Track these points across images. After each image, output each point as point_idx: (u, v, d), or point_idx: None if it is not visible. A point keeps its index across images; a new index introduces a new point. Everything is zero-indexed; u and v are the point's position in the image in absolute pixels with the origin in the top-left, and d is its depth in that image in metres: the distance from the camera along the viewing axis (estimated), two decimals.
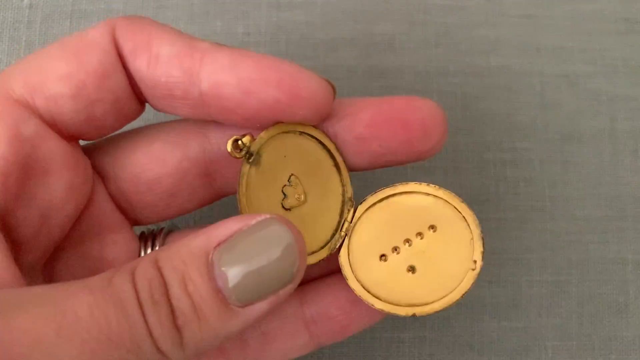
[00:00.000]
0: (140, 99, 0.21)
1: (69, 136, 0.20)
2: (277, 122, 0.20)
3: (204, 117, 0.21)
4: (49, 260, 0.21)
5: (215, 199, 0.23)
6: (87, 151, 0.22)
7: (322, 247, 0.22)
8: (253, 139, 0.20)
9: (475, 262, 0.21)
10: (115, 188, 0.21)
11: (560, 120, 0.29)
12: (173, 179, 0.21)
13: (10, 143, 0.18)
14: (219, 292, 0.17)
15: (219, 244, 0.17)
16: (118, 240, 0.21)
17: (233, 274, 0.17)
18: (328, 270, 0.23)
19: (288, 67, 0.19)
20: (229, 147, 0.20)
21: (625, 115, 0.29)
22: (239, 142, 0.20)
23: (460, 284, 0.21)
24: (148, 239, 0.22)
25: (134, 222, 0.22)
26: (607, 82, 0.30)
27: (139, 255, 0.22)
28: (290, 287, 0.18)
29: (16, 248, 0.19)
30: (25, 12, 0.29)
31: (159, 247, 0.22)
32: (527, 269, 0.28)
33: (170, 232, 0.23)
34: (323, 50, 0.29)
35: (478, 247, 0.21)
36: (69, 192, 0.20)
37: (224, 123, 0.21)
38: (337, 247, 0.22)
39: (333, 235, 0.22)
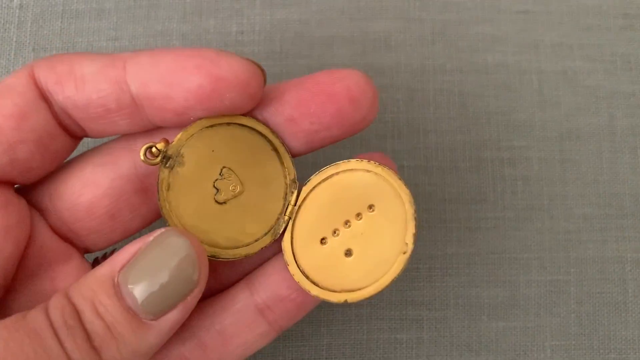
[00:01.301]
0: (71, 134, 0.21)
1: None
2: (198, 119, 0.20)
3: (144, 127, 0.21)
4: (2, 304, 0.21)
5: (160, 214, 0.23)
6: (23, 189, 0.22)
7: (265, 234, 0.22)
8: (168, 143, 0.20)
9: (407, 244, 0.21)
10: (56, 219, 0.21)
11: (559, 117, 0.29)
12: (109, 200, 0.21)
13: None
14: (129, 310, 0.18)
15: (122, 267, 0.18)
16: (69, 271, 0.21)
17: (139, 290, 0.18)
18: (274, 254, 0.23)
19: (207, 52, 0.19)
20: (141, 155, 0.20)
21: (624, 112, 0.29)
22: (153, 148, 0.20)
23: (391, 268, 0.21)
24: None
25: (84, 250, 0.22)
26: (606, 78, 0.29)
27: None
28: (197, 292, 0.19)
29: None
30: (16, 13, 0.28)
31: None
32: (525, 269, 0.28)
33: None
34: (318, 48, 0.29)
35: (410, 229, 0.21)
36: (4, 234, 0.20)
37: (166, 127, 0.21)
38: (281, 232, 0.22)
39: (278, 219, 0.22)
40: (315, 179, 0.22)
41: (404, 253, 0.21)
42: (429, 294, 0.28)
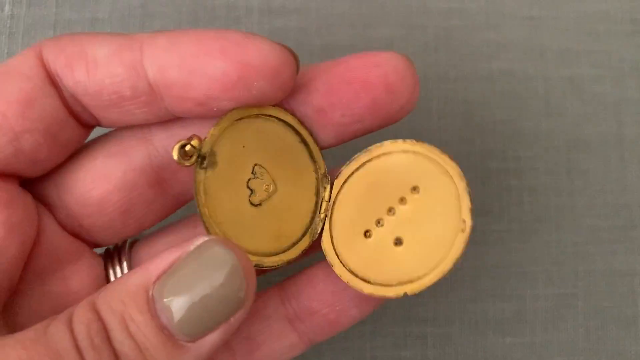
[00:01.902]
0: (82, 122, 0.19)
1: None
2: (229, 111, 0.18)
3: (162, 117, 0.19)
4: (8, 307, 0.19)
5: (176, 207, 0.21)
6: (29, 182, 0.20)
7: (303, 235, 0.20)
8: (201, 139, 0.18)
9: (464, 221, 0.19)
10: (64, 215, 0.20)
11: (566, 126, 0.28)
12: (122, 194, 0.19)
13: None
14: (164, 329, 0.16)
15: (158, 278, 0.16)
16: (80, 269, 0.20)
17: (177, 306, 0.16)
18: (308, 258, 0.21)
19: (233, 34, 0.17)
20: (175, 156, 0.18)
21: (632, 120, 0.28)
22: (187, 147, 0.18)
23: (450, 250, 0.19)
24: (114, 255, 0.21)
25: (93, 245, 0.21)
26: (613, 85, 0.28)
27: (107, 277, 0.21)
28: (242, 312, 0.16)
29: None
30: (7, 23, 0.28)
31: (125, 262, 0.21)
32: (532, 282, 0.27)
33: (135, 242, 0.22)
34: (319, 56, 0.28)
35: (465, 204, 0.19)
36: (8, 233, 0.18)
37: (186, 118, 0.19)
38: (319, 231, 0.20)
39: (313, 218, 0.20)
40: (346, 170, 0.20)
41: (463, 231, 0.19)
42: (433, 309, 0.27)
